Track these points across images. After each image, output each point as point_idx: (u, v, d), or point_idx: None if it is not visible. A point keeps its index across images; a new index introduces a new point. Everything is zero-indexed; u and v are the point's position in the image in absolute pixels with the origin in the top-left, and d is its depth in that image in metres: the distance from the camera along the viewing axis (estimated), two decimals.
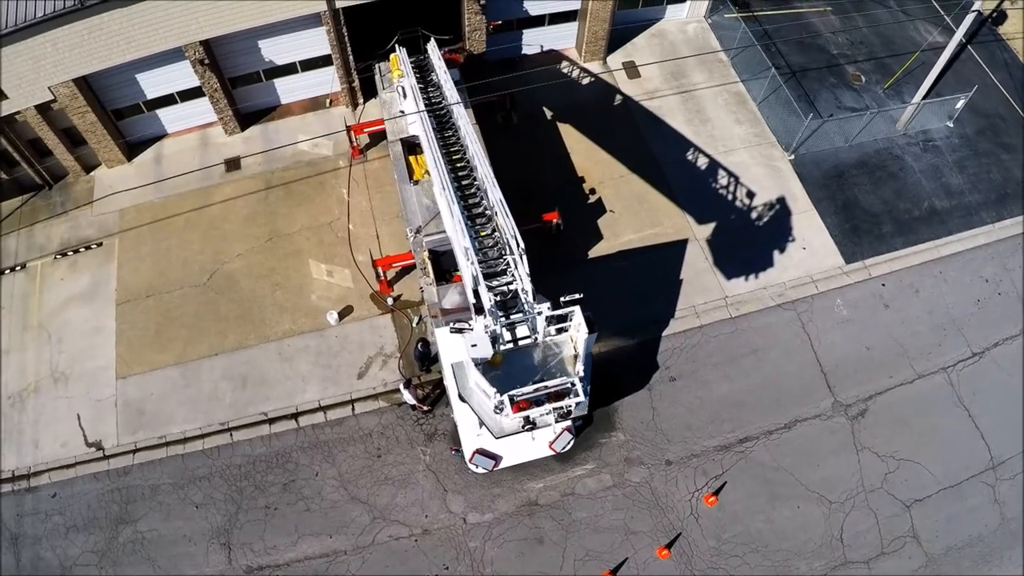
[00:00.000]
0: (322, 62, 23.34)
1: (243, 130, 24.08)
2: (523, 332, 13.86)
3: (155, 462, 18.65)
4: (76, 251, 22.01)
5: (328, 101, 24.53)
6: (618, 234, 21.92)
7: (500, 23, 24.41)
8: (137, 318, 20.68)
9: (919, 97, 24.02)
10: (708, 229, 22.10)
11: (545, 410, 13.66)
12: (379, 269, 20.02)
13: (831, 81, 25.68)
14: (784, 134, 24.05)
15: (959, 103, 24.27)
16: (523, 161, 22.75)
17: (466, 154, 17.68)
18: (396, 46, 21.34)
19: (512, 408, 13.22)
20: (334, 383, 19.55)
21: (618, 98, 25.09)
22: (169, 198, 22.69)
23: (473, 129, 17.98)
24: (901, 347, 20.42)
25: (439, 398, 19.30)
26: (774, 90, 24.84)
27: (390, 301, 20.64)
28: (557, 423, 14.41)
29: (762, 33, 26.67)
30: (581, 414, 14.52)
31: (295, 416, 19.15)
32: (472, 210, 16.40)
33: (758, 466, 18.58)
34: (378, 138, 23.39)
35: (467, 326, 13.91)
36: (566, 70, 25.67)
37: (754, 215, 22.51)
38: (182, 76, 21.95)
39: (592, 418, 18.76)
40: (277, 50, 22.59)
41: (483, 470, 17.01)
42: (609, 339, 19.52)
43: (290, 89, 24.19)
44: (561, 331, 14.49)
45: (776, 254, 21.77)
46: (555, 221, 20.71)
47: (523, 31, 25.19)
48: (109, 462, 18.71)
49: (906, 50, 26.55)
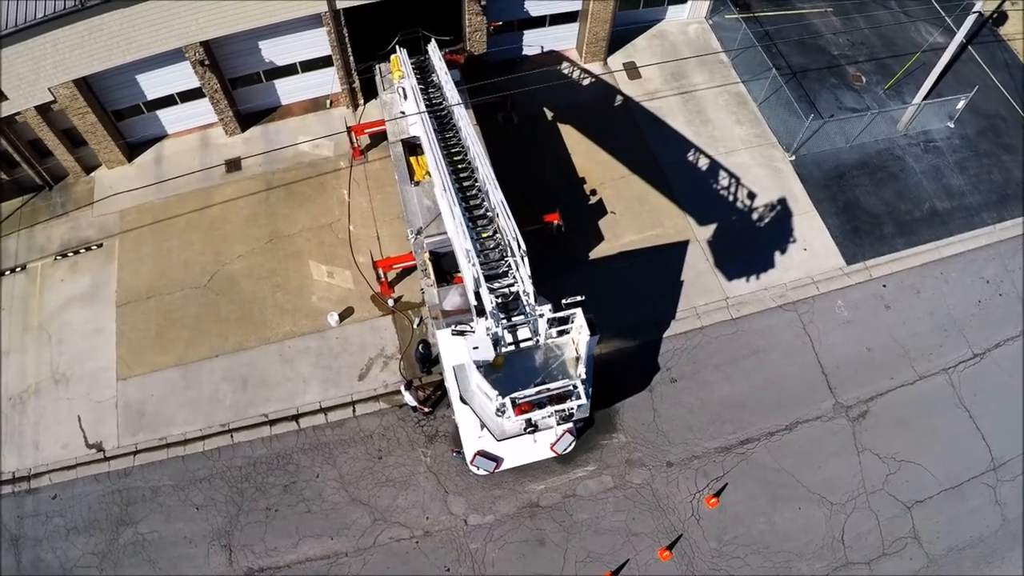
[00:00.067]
0: (323, 63, 23.32)
1: (243, 131, 24.07)
2: (525, 334, 13.86)
3: (156, 464, 18.64)
4: (76, 252, 21.99)
5: (329, 102, 24.50)
6: (619, 235, 21.91)
7: (501, 24, 24.37)
8: (138, 319, 20.66)
9: (920, 98, 24.02)
10: (709, 230, 22.09)
11: (547, 413, 13.63)
12: (380, 270, 20.00)
13: (832, 82, 25.66)
14: (785, 135, 24.03)
15: (960, 104, 24.26)
16: (524, 162, 22.73)
17: (467, 155, 17.64)
18: (397, 47, 21.32)
19: (514, 411, 13.20)
20: (335, 385, 19.53)
21: (619, 99, 25.07)
22: (169, 199, 22.68)
23: (474, 130, 17.95)
24: (902, 348, 20.41)
25: (440, 400, 19.29)
26: (775, 91, 24.81)
27: (391, 302, 20.63)
28: (559, 426, 14.38)
29: (763, 34, 26.63)
30: (583, 416, 14.50)
31: (296, 418, 19.14)
32: (473, 211, 16.37)
33: (759, 467, 18.58)
34: (379, 139, 23.36)
35: (469, 328, 13.89)
36: (567, 71, 25.64)
37: (755, 216, 22.50)
38: (182, 77, 21.94)
39: (593, 420, 18.75)
40: (278, 51, 22.57)
41: (484, 472, 17.02)
42: (610, 340, 19.46)
43: (290, 90, 24.17)
44: (563, 333, 14.47)
45: (777, 255, 21.76)
46: (556, 222, 20.69)
47: (524, 32, 25.17)
48: (110, 464, 18.70)
49: (907, 51, 26.55)
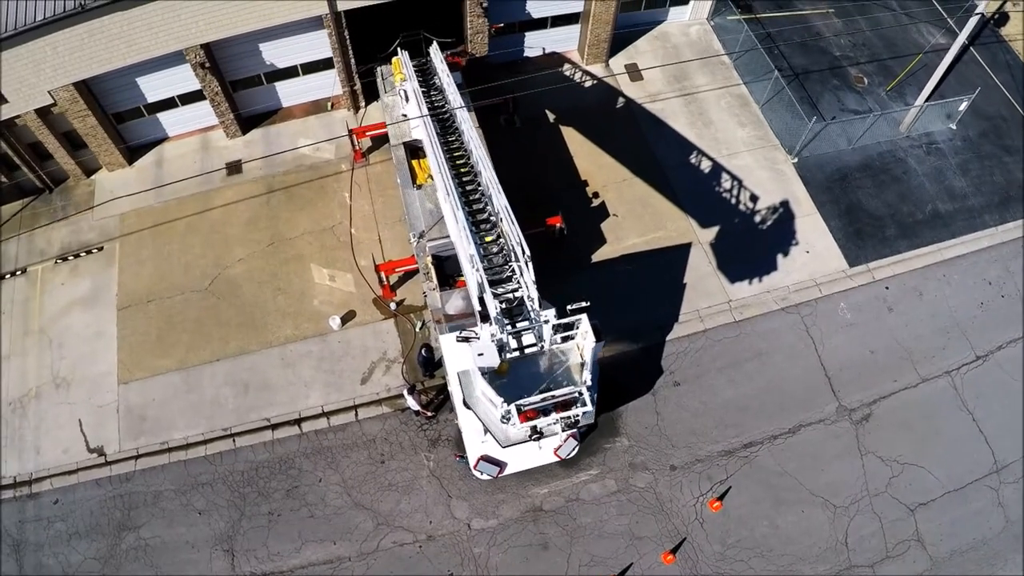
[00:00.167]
0: (324, 65, 23.25)
1: (244, 133, 24.00)
2: (529, 340, 13.81)
3: (157, 468, 18.60)
4: (77, 255, 21.91)
5: (330, 104, 24.43)
6: (621, 238, 21.86)
7: (502, 26, 24.31)
8: (138, 323, 20.59)
9: (922, 99, 23.99)
10: (711, 233, 22.05)
11: (552, 420, 13.55)
12: (382, 274, 19.95)
13: (834, 83, 25.62)
14: (787, 137, 23.99)
15: (962, 105, 24.22)
16: (526, 165, 22.68)
17: (470, 159, 17.55)
18: (398, 49, 21.25)
19: (519, 418, 13.14)
20: (337, 389, 19.48)
21: (621, 101, 25.01)
22: (170, 202, 22.60)
23: (476, 133, 17.87)
24: (905, 350, 20.39)
25: (443, 403, 19.24)
26: (777, 92, 24.77)
27: (393, 306, 20.57)
28: (564, 432, 14.32)
29: (765, 35, 26.58)
30: (588, 423, 14.44)
31: (298, 422, 19.08)
32: (476, 216, 16.28)
33: (763, 471, 18.55)
34: (380, 141, 23.29)
35: (474, 334, 13.82)
36: (568, 73, 25.58)
37: (757, 218, 22.46)
38: (183, 79, 21.87)
39: (597, 423, 18.68)
40: (278, 53, 22.49)
41: (488, 476, 16.96)
42: (613, 344, 19.42)
43: (291, 92, 24.10)
44: (567, 339, 14.41)
45: (780, 258, 21.73)
46: (559, 225, 20.64)
47: (525, 34, 25.10)
48: (111, 468, 18.63)
49: (909, 52, 26.52)
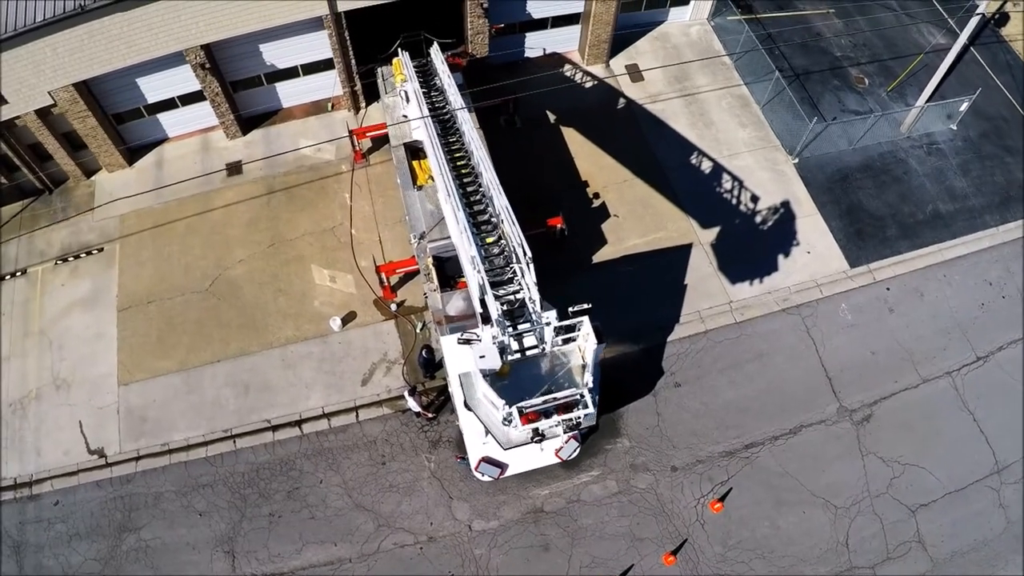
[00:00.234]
0: (324, 66, 23.22)
1: (244, 134, 23.96)
2: (531, 342, 13.78)
3: (158, 470, 18.58)
4: (77, 256, 21.88)
5: (330, 105, 24.40)
6: (622, 239, 21.84)
7: (503, 26, 24.27)
8: (139, 324, 20.56)
9: (923, 100, 23.97)
10: (712, 233, 22.04)
11: (554, 422, 13.54)
12: (382, 275, 19.92)
13: (835, 84, 25.60)
14: (788, 137, 23.97)
15: (963, 106, 24.20)
16: (526, 165, 22.64)
17: (471, 160, 17.53)
18: (399, 50, 21.23)
19: (521, 420, 13.12)
20: (338, 390, 19.46)
21: (621, 101, 24.99)
22: (170, 203, 22.56)
23: (477, 134, 17.85)
24: (906, 351, 20.38)
25: (443, 405, 19.23)
26: (778, 93, 24.75)
27: (394, 307, 20.55)
28: (565, 433, 14.31)
29: (765, 36, 26.55)
30: (590, 425, 14.43)
31: (299, 423, 19.07)
32: (477, 217, 16.27)
33: (764, 472, 18.54)
34: (380, 142, 23.26)
35: (475, 337, 13.80)
36: (569, 73, 25.55)
37: (758, 219, 22.44)
38: (183, 80, 21.84)
39: (598, 425, 18.67)
40: (279, 54, 22.46)
41: (489, 478, 16.96)
42: (614, 344, 19.39)
43: (292, 93, 24.07)
44: (568, 341, 14.39)
45: (781, 258, 21.71)
46: (559, 226, 20.62)
47: (526, 34, 25.07)
48: (112, 470, 18.62)
49: (909, 52, 26.50)
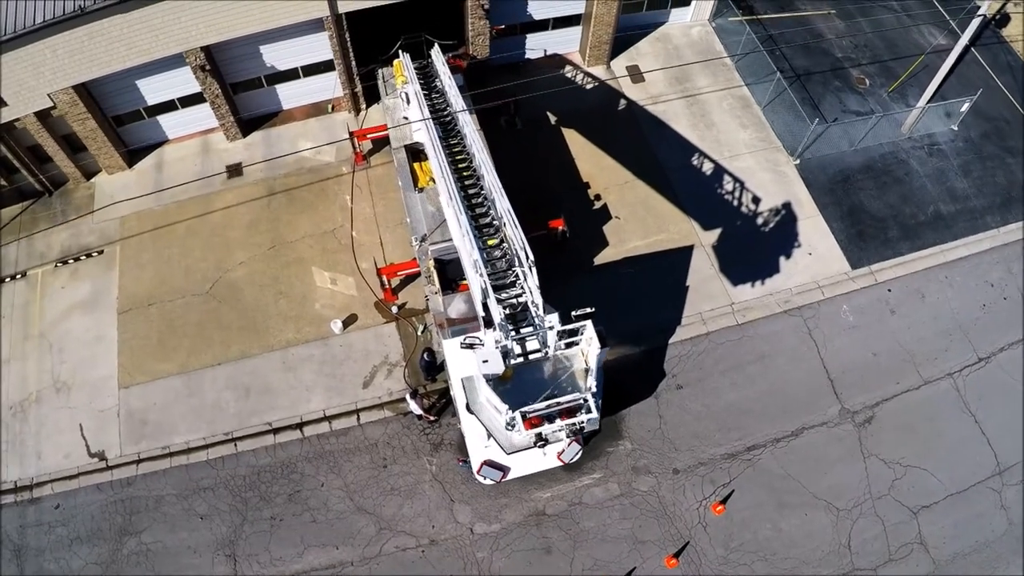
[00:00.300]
0: (324, 67, 23.17)
1: (245, 136, 23.91)
2: (533, 346, 13.74)
3: (159, 473, 18.54)
4: (77, 259, 21.82)
5: (331, 107, 24.35)
6: (624, 240, 21.81)
7: (503, 27, 24.20)
8: (139, 327, 20.51)
9: (924, 101, 23.93)
10: (714, 235, 22.01)
11: (557, 427, 13.51)
12: (383, 277, 19.88)
13: (836, 85, 25.57)
14: (789, 138, 23.94)
15: (964, 106, 24.18)
16: (527, 167, 22.59)
17: (472, 162, 17.49)
18: (399, 51, 21.18)
19: (524, 424, 13.09)
20: (339, 393, 19.42)
21: (622, 103, 24.94)
22: (170, 205, 22.50)
23: (479, 136, 17.80)
24: (907, 353, 20.36)
25: (445, 408, 19.19)
26: (779, 94, 24.72)
27: (395, 309, 20.51)
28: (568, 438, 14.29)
29: (766, 37, 26.51)
30: (593, 430, 14.39)
31: (300, 426, 19.03)
32: (479, 220, 16.22)
33: (765, 474, 18.52)
34: (381, 144, 23.20)
35: (478, 341, 13.76)
36: (570, 75, 25.51)
37: (760, 220, 22.42)
38: (183, 82, 21.78)
39: (599, 427, 18.58)
40: (279, 55, 22.40)
41: (491, 481, 16.94)
42: (616, 347, 19.36)
43: (292, 95, 24.01)
44: (571, 345, 14.35)
45: (782, 260, 21.69)
46: (561, 228, 20.59)
47: (527, 35, 25.02)
48: (112, 473, 18.58)
49: (910, 53, 26.46)
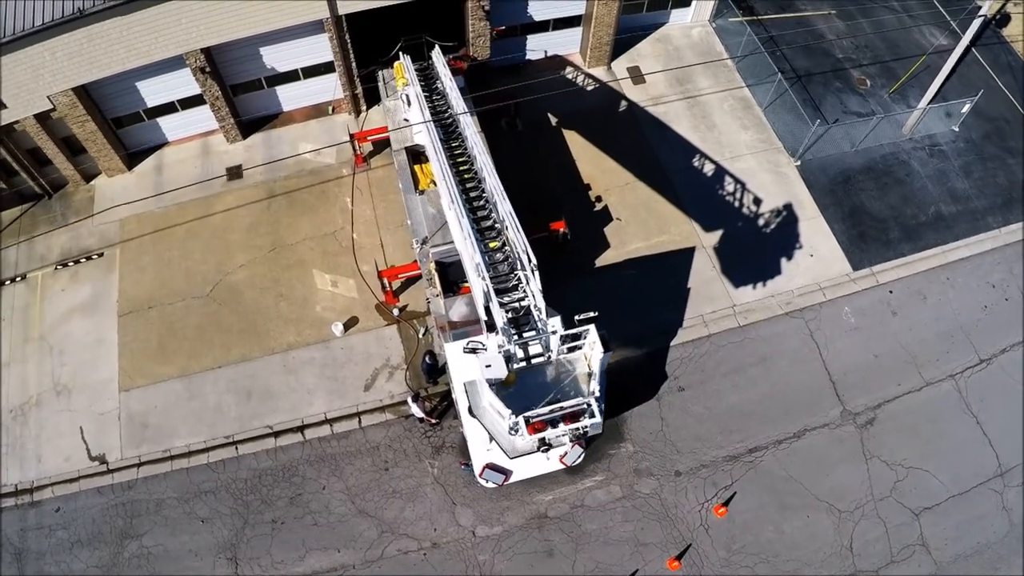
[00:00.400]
0: (324, 69, 23.10)
1: (245, 138, 23.85)
2: (536, 350, 13.69)
3: (160, 476, 18.50)
4: (77, 261, 21.76)
5: (331, 108, 24.29)
6: (625, 242, 21.78)
7: (504, 29, 24.14)
8: (139, 330, 20.46)
9: (925, 102, 23.91)
10: (715, 236, 21.99)
11: (560, 431, 13.47)
12: (384, 280, 19.84)
13: (836, 86, 25.54)
14: (790, 139, 23.91)
15: (965, 107, 24.16)
16: (528, 169, 22.55)
17: (473, 165, 17.45)
18: (400, 53, 21.13)
19: (527, 429, 13.06)
20: (340, 395, 19.38)
21: (623, 104, 24.91)
22: (170, 208, 22.44)
23: (480, 139, 17.76)
24: (909, 354, 20.35)
25: (447, 410, 19.16)
26: (780, 95, 24.69)
27: (396, 312, 20.47)
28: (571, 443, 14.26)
29: (767, 38, 26.48)
30: (596, 434, 14.37)
31: (301, 429, 18.99)
32: (481, 222, 16.19)
33: (767, 476, 18.51)
34: (381, 146, 23.16)
35: (480, 345, 13.72)
36: (571, 76, 25.47)
37: (761, 222, 22.39)
38: (183, 84, 21.72)
39: (601, 430, 18.62)
40: (279, 57, 22.35)
41: (493, 484, 16.92)
42: (618, 349, 19.26)
43: (292, 96, 23.96)
44: (573, 349, 14.32)
45: (783, 261, 21.67)
46: (562, 230, 20.55)
47: (527, 37, 24.98)
48: (113, 476, 18.55)
49: (911, 54, 26.43)
